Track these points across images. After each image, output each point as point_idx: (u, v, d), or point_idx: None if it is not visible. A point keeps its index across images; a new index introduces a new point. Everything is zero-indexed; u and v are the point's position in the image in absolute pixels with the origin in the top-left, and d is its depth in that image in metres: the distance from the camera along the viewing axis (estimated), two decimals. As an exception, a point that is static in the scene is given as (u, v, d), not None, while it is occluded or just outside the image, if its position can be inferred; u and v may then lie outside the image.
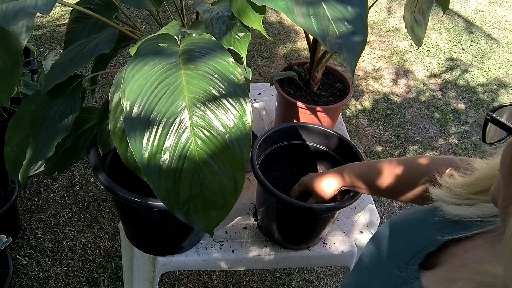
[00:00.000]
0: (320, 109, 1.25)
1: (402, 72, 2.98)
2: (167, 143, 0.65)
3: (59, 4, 0.74)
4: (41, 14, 0.69)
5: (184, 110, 0.66)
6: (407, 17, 1.13)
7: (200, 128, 0.66)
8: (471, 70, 3.06)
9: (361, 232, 1.18)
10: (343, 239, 1.15)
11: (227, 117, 0.67)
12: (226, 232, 1.13)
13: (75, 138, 0.94)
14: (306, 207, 0.96)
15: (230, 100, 0.68)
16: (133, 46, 0.72)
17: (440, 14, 3.45)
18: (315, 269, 1.86)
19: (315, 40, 1.27)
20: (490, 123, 0.46)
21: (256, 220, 1.16)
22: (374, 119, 2.60)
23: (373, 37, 3.23)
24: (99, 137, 0.91)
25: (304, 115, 1.26)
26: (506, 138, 0.46)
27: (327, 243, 1.14)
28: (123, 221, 1.11)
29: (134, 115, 0.65)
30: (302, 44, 3.05)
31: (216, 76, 0.69)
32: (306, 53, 2.97)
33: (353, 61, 0.76)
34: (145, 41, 0.72)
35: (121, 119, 0.76)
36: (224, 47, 0.74)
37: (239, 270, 1.75)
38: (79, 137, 0.96)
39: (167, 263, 1.06)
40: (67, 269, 1.72)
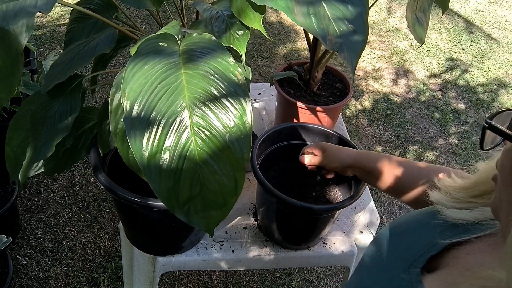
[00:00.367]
0: (320, 109, 1.25)
1: (402, 72, 2.98)
2: (167, 143, 0.65)
3: (59, 4, 0.74)
4: (41, 14, 0.69)
5: (184, 109, 0.66)
6: (409, 16, 1.13)
7: (200, 127, 0.66)
8: (471, 70, 3.06)
9: (361, 232, 1.18)
10: (343, 239, 1.15)
11: (227, 117, 0.67)
12: (226, 232, 1.13)
13: (75, 138, 0.94)
14: (306, 207, 0.96)
15: (230, 99, 0.68)
16: (133, 46, 0.72)
17: (440, 14, 3.45)
18: (315, 269, 1.86)
19: (315, 40, 1.27)
20: (488, 130, 0.46)
21: (256, 220, 1.16)
22: (374, 119, 2.60)
23: (373, 37, 3.23)
24: (99, 137, 0.91)
25: (304, 115, 1.26)
26: (502, 143, 0.46)
27: (327, 243, 1.14)
28: (123, 221, 1.11)
29: (134, 115, 0.65)
30: (302, 44, 3.05)
31: (216, 76, 0.69)
32: (306, 53, 2.97)
33: (353, 60, 0.76)
34: (145, 41, 0.72)
35: (122, 119, 0.76)
36: (224, 47, 0.74)
37: (239, 270, 1.75)
38: (79, 137, 0.96)
39: (167, 263, 1.06)
40: (67, 269, 1.72)
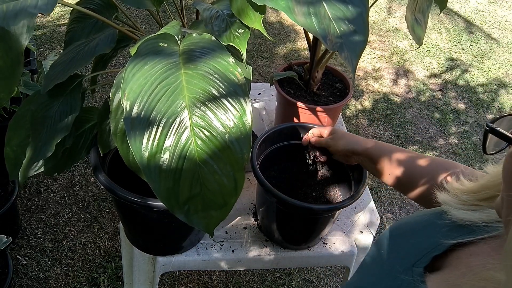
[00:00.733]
0: (320, 109, 1.25)
1: (402, 72, 2.98)
2: (167, 143, 0.65)
3: (59, 4, 0.74)
4: (41, 14, 0.69)
5: (184, 110, 0.66)
6: (408, 17, 1.13)
7: (200, 128, 0.66)
8: (471, 70, 3.06)
9: (361, 232, 1.18)
10: (343, 239, 1.15)
11: (227, 117, 0.67)
12: (226, 232, 1.13)
13: (75, 138, 0.94)
14: (306, 207, 0.96)
15: (230, 100, 0.68)
16: (133, 46, 0.72)
17: (439, 13, 3.45)
18: (315, 269, 1.86)
19: (315, 40, 1.27)
20: (490, 134, 0.45)
21: (256, 220, 1.16)
22: (374, 119, 2.60)
23: (373, 37, 3.23)
24: (99, 137, 0.91)
25: (304, 115, 1.26)
26: (506, 148, 0.46)
27: (327, 243, 1.14)
28: (123, 221, 1.11)
29: (134, 115, 0.65)
30: (302, 44, 3.05)
31: (216, 76, 0.69)
32: (306, 53, 2.97)
33: (354, 60, 0.76)
34: (145, 41, 0.72)
35: (122, 119, 0.76)
36: (224, 47, 0.74)
37: (239, 270, 1.75)
38: (79, 137, 0.96)
39: (167, 263, 1.06)
40: (67, 269, 1.72)
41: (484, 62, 3.14)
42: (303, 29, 0.87)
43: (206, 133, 0.66)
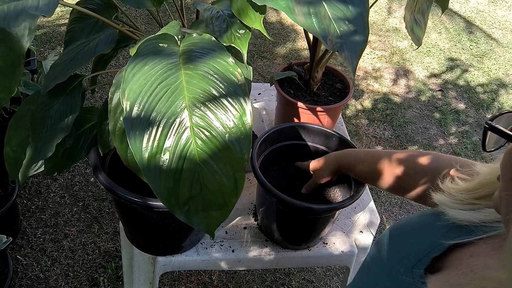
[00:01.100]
0: (320, 109, 1.25)
1: (402, 72, 2.98)
2: (167, 143, 0.65)
3: (59, 4, 0.74)
4: (42, 16, 0.69)
5: (184, 110, 0.66)
6: (407, 17, 1.13)
7: (200, 128, 0.66)
8: (471, 70, 3.06)
9: (361, 232, 1.18)
10: (343, 239, 1.15)
11: (227, 117, 0.67)
12: (226, 232, 1.13)
13: (75, 138, 0.94)
14: (306, 207, 0.96)
15: (230, 100, 0.68)
16: (133, 46, 0.72)
17: (440, 14, 3.45)
18: (315, 269, 1.86)
19: (315, 40, 1.27)
20: (489, 131, 0.45)
21: (256, 220, 1.16)
22: (374, 119, 2.60)
23: (373, 37, 3.23)
24: (99, 137, 0.91)
25: (304, 115, 1.26)
26: (505, 145, 0.46)
27: (327, 243, 1.14)
28: (123, 221, 1.11)
29: (134, 115, 0.65)
30: (302, 44, 3.05)
31: (216, 76, 0.69)
32: (306, 53, 2.97)
33: (354, 60, 0.76)
34: (145, 41, 0.72)
35: (121, 119, 0.76)
36: (224, 47, 0.74)
37: (239, 270, 1.75)
38: (79, 137, 0.96)
39: (167, 263, 1.06)
40: (67, 269, 1.72)
41: (484, 62, 3.14)
42: (303, 29, 0.87)
43: (206, 133, 0.66)
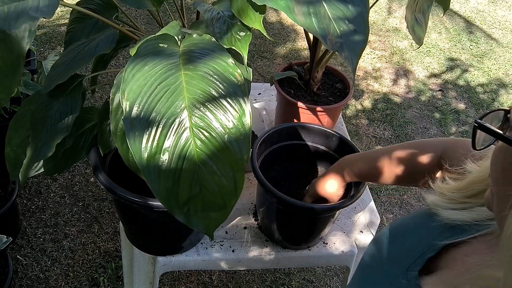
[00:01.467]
0: (320, 109, 1.25)
1: (402, 72, 2.97)
2: (167, 144, 0.65)
3: (59, 4, 0.74)
4: (42, 18, 0.69)
5: (183, 110, 0.66)
6: (408, 17, 1.13)
7: (199, 128, 0.66)
8: (471, 70, 3.06)
9: (361, 232, 1.18)
10: (343, 239, 1.15)
11: (227, 118, 0.67)
12: (226, 232, 1.13)
13: (75, 138, 0.94)
14: (306, 207, 0.96)
15: (229, 100, 0.68)
16: (133, 46, 0.72)
17: (440, 14, 3.45)
18: (315, 269, 1.86)
19: (315, 40, 1.27)
20: (478, 130, 0.46)
21: (256, 220, 1.16)
22: (374, 119, 2.60)
23: (373, 37, 3.22)
24: (99, 137, 0.91)
25: (304, 115, 1.26)
26: (495, 143, 0.47)
27: (327, 243, 1.14)
28: (123, 221, 1.11)
29: (133, 115, 0.65)
30: (302, 44, 3.05)
31: (216, 77, 0.69)
32: (306, 53, 2.97)
33: (354, 60, 0.76)
34: (145, 42, 0.72)
35: (122, 119, 0.76)
36: (224, 48, 0.74)
37: (239, 270, 1.75)
38: (80, 137, 0.96)
39: (167, 263, 1.06)
40: (67, 269, 1.72)
41: (484, 62, 3.14)
42: (303, 29, 0.87)
43: (206, 133, 0.66)
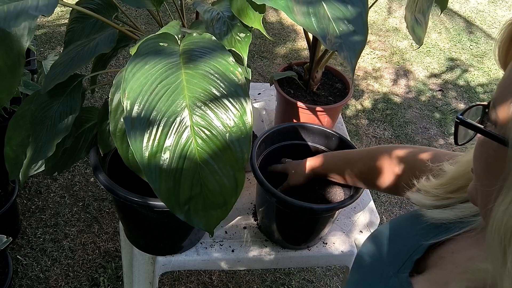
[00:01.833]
0: (320, 109, 1.25)
1: (402, 72, 2.98)
2: (168, 143, 0.65)
3: (59, 4, 0.74)
4: (41, 15, 0.69)
5: (184, 109, 0.66)
6: (408, 17, 1.13)
7: (200, 127, 0.66)
8: (471, 70, 3.06)
9: (361, 232, 1.18)
10: (343, 239, 1.15)
11: (228, 117, 0.67)
12: (226, 232, 1.13)
13: (75, 138, 0.94)
14: (306, 207, 0.96)
15: (230, 99, 0.68)
16: (133, 45, 0.72)
17: (439, 14, 3.45)
18: (315, 269, 1.86)
19: (315, 40, 1.27)
20: (460, 125, 0.47)
21: (256, 220, 1.16)
22: (374, 119, 2.60)
23: (373, 37, 3.23)
24: (99, 138, 0.91)
25: (304, 115, 1.26)
26: (475, 137, 0.47)
27: (327, 243, 1.14)
28: (123, 221, 1.11)
29: (134, 114, 0.65)
30: (302, 44, 3.05)
31: (217, 76, 0.69)
32: (306, 53, 2.97)
33: (353, 60, 0.76)
34: (145, 41, 0.72)
35: (122, 119, 0.76)
36: (225, 47, 0.74)
37: (239, 270, 1.75)
38: (79, 137, 0.96)
39: (167, 263, 1.06)
40: (67, 269, 1.72)
41: (484, 62, 3.15)
42: (303, 29, 0.87)
43: (207, 132, 0.66)
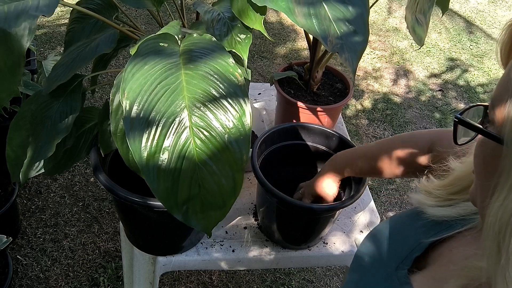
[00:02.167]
0: (320, 109, 1.25)
1: (402, 72, 2.97)
2: (166, 143, 0.65)
3: (59, 4, 0.74)
4: (42, 15, 0.69)
5: (183, 110, 0.66)
6: (408, 17, 1.13)
7: (199, 128, 0.66)
8: (471, 70, 3.06)
9: (361, 232, 1.18)
10: (343, 239, 1.15)
11: (227, 118, 0.67)
12: (226, 232, 1.13)
13: (75, 138, 0.94)
14: (306, 207, 0.96)
15: (229, 100, 0.68)
16: (134, 46, 0.72)
17: (440, 14, 3.45)
18: (315, 269, 1.86)
19: (315, 40, 1.27)
20: (459, 125, 0.46)
21: (256, 220, 1.16)
22: (374, 119, 2.60)
23: (373, 37, 3.23)
24: (100, 138, 0.91)
25: (304, 115, 1.26)
26: (476, 137, 0.47)
27: (327, 243, 1.14)
28: (123, 221, 1.11)
29: (133, 115, 0.65)
30: (302, 44, 3.05)
31: (216, 77, 0.69)
32: (306, 53, 2.97)
33: (354, 61, 0.76)
34: (145, 41, 0.72)
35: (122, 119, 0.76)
36: (225, 48, 0.74)
37: (239, 270, 1.75)
38: (80, 137, 0.96)
39: (167, 263, 1.06)
40: (67, 269, 1.72)
41: (484, 62, 3.14)
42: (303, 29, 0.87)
43: (206, 133, 0.66)
